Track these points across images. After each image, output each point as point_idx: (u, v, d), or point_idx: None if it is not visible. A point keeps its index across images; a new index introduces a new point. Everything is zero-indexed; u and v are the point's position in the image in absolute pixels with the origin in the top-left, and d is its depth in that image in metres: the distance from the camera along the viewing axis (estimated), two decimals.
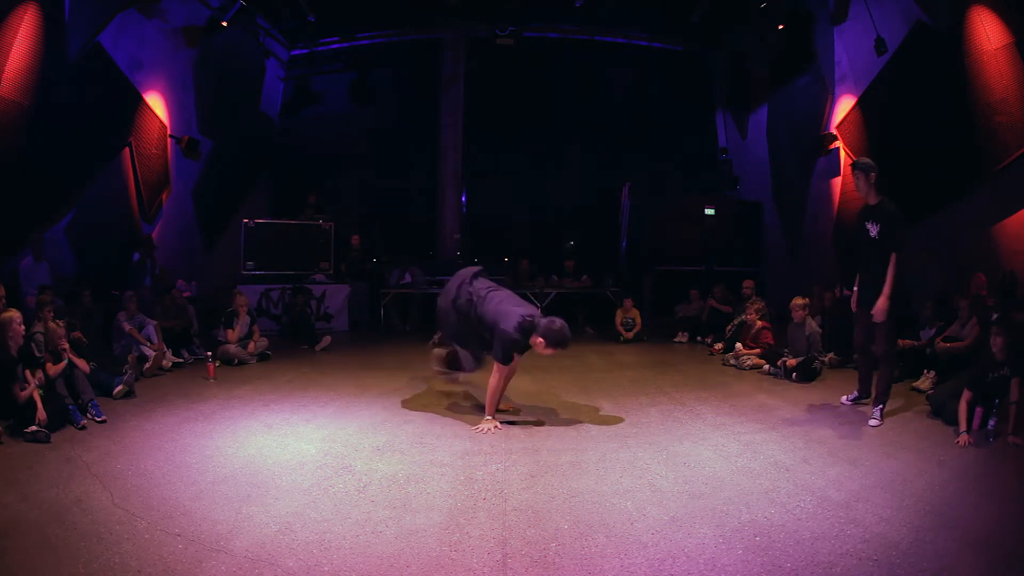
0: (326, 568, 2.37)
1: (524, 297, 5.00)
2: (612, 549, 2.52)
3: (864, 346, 4.81)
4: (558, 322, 4.06)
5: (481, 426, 4.19)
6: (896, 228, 4.41)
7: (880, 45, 7.79)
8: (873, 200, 4.57)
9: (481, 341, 4.37)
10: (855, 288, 4.81)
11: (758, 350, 6.71)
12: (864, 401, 4.81)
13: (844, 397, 5.01)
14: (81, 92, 7.20)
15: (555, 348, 4.03)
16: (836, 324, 6.87)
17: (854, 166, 4.66)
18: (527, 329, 4.03)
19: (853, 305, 4.82)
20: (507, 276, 10.17)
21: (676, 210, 10.95)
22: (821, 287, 7.61)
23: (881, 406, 4.45)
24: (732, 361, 6.82)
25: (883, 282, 4.36)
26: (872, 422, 4.36)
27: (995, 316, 4.98)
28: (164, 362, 6.33)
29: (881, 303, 4.35)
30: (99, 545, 2.51)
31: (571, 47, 12.38)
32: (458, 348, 4.62)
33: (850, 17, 8.56)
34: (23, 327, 4.34)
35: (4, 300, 4.94)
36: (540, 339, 4.01)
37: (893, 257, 4.35)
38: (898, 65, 7.88)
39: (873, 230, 4.51)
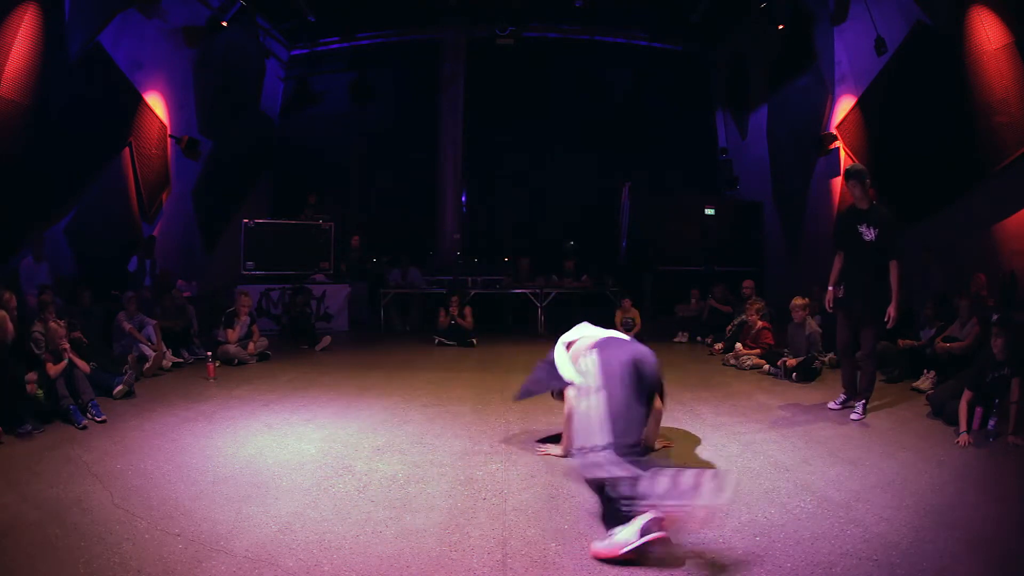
0: (326, 568, 2.37)
1: (524, 297, 4.81)
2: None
3: (848, 347, 4.83)
4: None
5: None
6: (895, 235, 4.50)
7: (880, 45, 7.79)
8: (865, 205, 4.60)
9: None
10: (830, 288, 4.84)
11: (758, 350, 6.71)
12: (851, 403, 4.78)
13: (832, 403, 4.89)
14: (81, 92, 7.20)
15: None
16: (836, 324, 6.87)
17: (850, 174, 4.69)
18: None
19: (828, 304, 4.88)
20: (507, 276, 10.19)
21: (676, 210, 10.93)
22: (821, 287, 7.60)
23: (864, 401, 4.59)
24: (732, 361, 6.82)
25: (879, 285, 4.45)
26: (854, 416, 4.50)
27: (995, 316, 4.98)
28: (164, 362, 6.33)
29: (893, 311, 4.38)
30: (99, 545, 2.51)
31: (571, 47, 12.37)
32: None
33: (850, 17, 8.55)
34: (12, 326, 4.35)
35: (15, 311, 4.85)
36: None
37: (896, 264, 4.40)
38: (898, 65, 7.87)
39: (869, 234, 4.53)
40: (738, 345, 6.98)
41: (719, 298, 8.68)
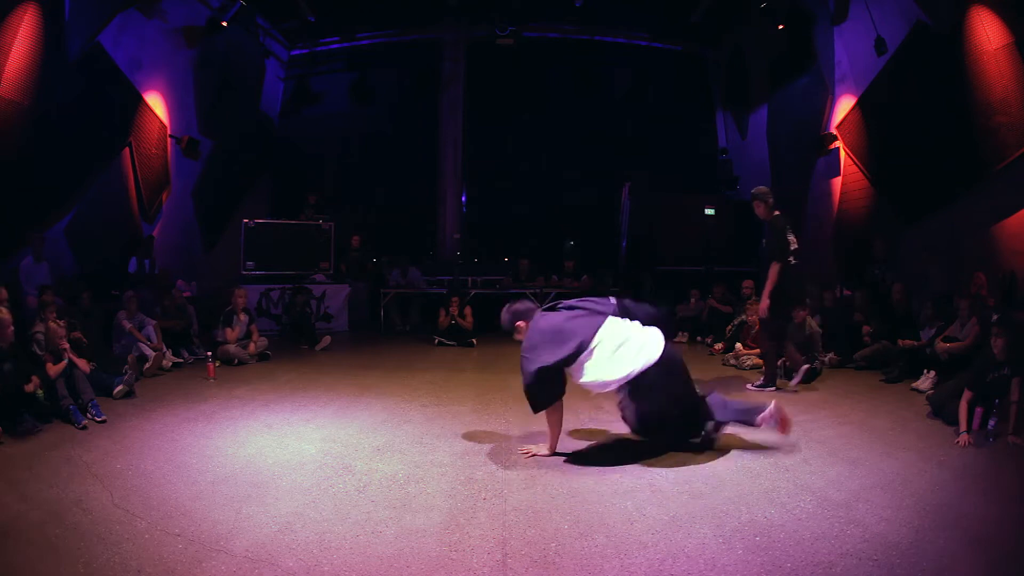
0: (326, 568, 2.37)
1: (524, 297, 4.84)
2: (612, 549, 2.52)
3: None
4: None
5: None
6: (772, 240, 5.21)
7: (880, 45, 7.79)
8: (769, 218, 5.34)
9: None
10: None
11: (758, 350, 6.70)
12: (770, 388, 5.41)
13: (750, 384, 5.56)
14: (81, 92, 7.20)
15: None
16: (836, 324, 6.87)
17: (753, 196, 5.42)
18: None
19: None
20: (507, 276, 10.20)
21: (676, 210, 10.93)
22: (821, 287, 7.60)
23: (763, 380, 5.46)
24: (732, 361, 6.81)
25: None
26: (749, 386, 5.44)
27: (995, 316, 4.98)
28: (164, 362, 6.33)
29: (761, 303, 5.24)
30: (99, 545, 2.51)
31: (571, 47, 12.38)
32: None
33: (850, 17, 8.56)
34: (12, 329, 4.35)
35: (6, 301, 4.94)
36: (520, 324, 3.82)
37: (773, 266, 5.15)
38: (898, 65, 7.87)
39: (764, 242, 5.37)
40: (738, 345, 6.98)
41: (719, 298, 8.68)
